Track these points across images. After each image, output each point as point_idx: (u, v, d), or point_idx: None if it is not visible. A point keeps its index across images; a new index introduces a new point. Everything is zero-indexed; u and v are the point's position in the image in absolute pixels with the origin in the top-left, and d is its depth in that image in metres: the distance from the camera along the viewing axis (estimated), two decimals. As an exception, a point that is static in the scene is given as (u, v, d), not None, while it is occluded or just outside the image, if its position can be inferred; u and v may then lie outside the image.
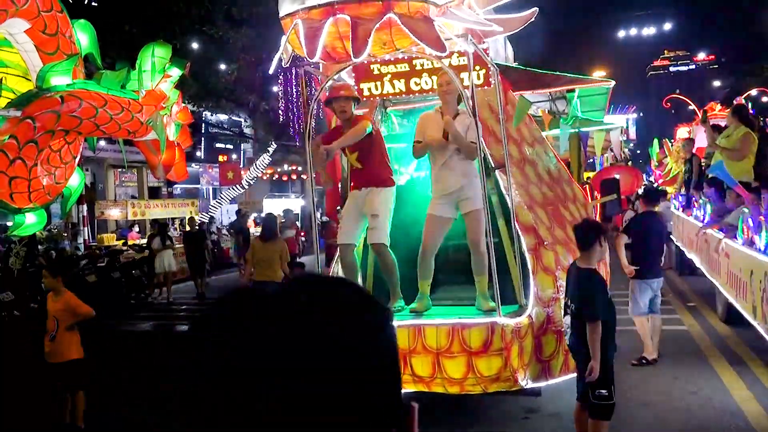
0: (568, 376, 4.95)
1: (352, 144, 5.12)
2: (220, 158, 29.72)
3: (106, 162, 22.54)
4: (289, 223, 14.64)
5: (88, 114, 5.50)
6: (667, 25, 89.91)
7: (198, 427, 0.61)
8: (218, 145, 31.80)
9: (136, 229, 18.67)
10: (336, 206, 10.93)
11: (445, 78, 5.11)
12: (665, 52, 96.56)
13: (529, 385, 4.84)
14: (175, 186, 26.32)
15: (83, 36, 5.98)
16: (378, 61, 5.45)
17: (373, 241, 5.18)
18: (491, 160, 5.45)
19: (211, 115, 27.23)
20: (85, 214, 16.65)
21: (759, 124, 8.87)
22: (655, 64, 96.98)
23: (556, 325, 4.96)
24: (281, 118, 22.02)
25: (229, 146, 32.47)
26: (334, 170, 8.43)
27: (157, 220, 16.25)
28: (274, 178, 28.36)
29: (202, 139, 28.94)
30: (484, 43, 5.16)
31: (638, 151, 53.17)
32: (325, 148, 4.93)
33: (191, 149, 18.98)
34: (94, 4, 14.09)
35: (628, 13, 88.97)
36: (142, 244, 15.36)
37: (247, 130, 30.74)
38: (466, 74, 5.00)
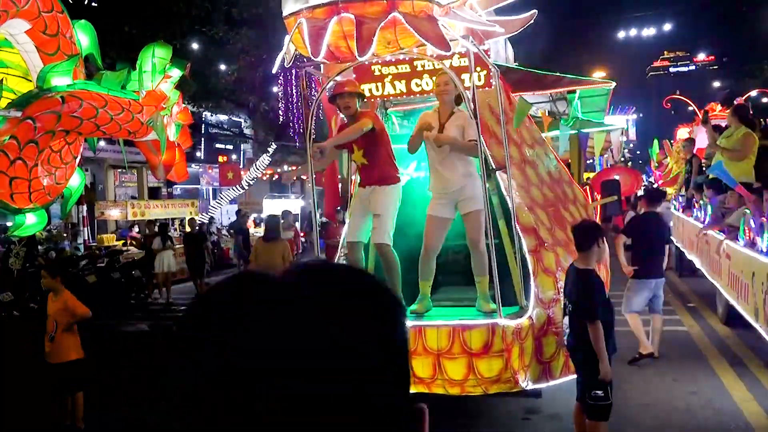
0: (569, 378, 4.95)
1: (359, 141, 5.10)
2: (220, 159, 29.74)
3: (106, 162, 22.54)
4: (287, 225, 14.62)
5: (89, 114, 5.50)
6: (667, 26, 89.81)
7: (198, 427, 0.61)
8: (218, 145, 31.83)
9: (136, 229, 18.64)
10: (335, 207, 10.95)
11: (442, 78, 5.10)
12: (665, 53, 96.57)
13: (530, 386, 4.83)
14: (175, 186, 26.34)
15: (84, 36, 5.98)
16: (379, 62, 5.44)
17: (375, 241, 5.18)
18: (492, 162, 5.45)
19: (211, 116, 27.23)
20: (85, 215, 16.62)
21: (760, 124, 8.86)
22: (655, 64, 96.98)
23: (556, 327, 4.96)
24: (281, 119, 22.01)
25: (229, 147, 32.50)
26: (333, 171, 8.44)
27: (152, 221, 16.23)
28: (274, 179, 28.35)
29: (202, 139, 28.96)
30: (485, 44, 5.15)
31: (638, 152, 53.20)
32: (318, 146, 4.90)
33: (191, 150, 18.95)
34: (94, 4, 14.09)
35: (628, 14, 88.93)
36: (141, 238, 15.41)
37: (247, 131, 30.75)
38: (467, 75, 5.00)
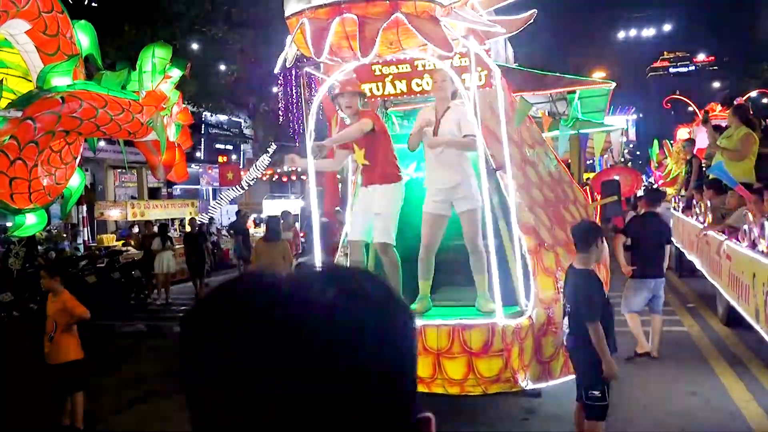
0: (569, 377, 4.94)
1: (360, 141, 5.11)
2: (220, 159, 29.71)
3: (106, 163, 22.53)
4: (287, 225, 14.59)
5: (89, 115, 5.49)
6: (667, 27, 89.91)
7: (198, 427, 0.60)
8: (218, 145, 31.84)
9: (136, 229, 18.65)
10: (335, 207, 10.96)
11: (439, 74, 5.13)
12: (665, 53, 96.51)
13: (530, 386, 4.84)
14: (175, 187, 26.34)
15: (84, 37, 5.98)
16: (379, 61, 5.44)
17: (377, 239, 5.19)
18: (492, 161, 5.45)
19: (211, 116, 27.25)
20: (85, 215, 16.63)
21: (760, 124, 8.86)
22: (655, 65, 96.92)
23: (556, 327, 4.96)
24: (281, 119, 22.01)
25: (229, 147, 32.50)
26: (333, 171, 8.44)
27: (150, 221, 16.23)
28: (274, 179, 28.36)
29: (202, 139, 28.97)
30: (485, 44, 5.16)
31: (638, 152, 53.17)
32: (317, 145, 4.90)
33: (191, 150, 18.97)
34: (94, 4, 14.09)
35: (628, 15, 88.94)
36: (138, 236, 15.41)
37: (247, 131, 30.76)
38: (468, 75, 5.00)
